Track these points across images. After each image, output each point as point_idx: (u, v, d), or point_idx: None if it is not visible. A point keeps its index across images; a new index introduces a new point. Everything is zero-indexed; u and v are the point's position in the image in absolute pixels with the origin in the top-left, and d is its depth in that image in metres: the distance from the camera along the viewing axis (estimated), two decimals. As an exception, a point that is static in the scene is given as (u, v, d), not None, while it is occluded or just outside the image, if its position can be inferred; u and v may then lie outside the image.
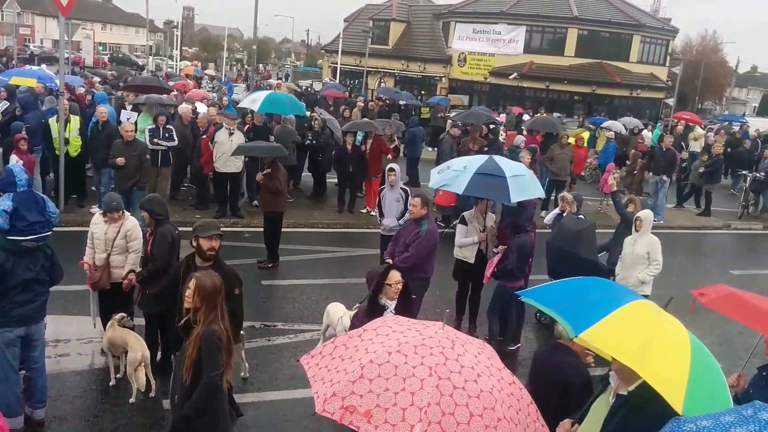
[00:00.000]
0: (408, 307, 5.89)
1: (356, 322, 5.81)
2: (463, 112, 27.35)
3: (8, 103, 15.51)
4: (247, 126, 15.55)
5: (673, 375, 3.58)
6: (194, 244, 5.93)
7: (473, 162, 9.15)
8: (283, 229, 12.23)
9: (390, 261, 8.51)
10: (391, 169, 11.02)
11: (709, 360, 3.93)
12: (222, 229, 6.44)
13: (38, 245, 6.18)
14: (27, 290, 6.15)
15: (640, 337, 3.75)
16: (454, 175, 8.98)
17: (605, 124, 26.44)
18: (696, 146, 25.96)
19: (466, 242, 9.37)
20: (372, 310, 5.78)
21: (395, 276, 5.88)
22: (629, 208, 10.42)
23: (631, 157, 19.10)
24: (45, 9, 76.65)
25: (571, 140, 21.15)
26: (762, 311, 5.44)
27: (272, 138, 14.86)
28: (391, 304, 5.85)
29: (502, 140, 20.86)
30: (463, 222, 9.49)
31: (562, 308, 4.28)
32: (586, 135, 23.55)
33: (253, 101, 16.04)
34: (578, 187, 19.57)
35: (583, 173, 22.16)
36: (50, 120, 13.66)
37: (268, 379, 7.94)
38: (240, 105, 18.41)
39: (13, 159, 11.17)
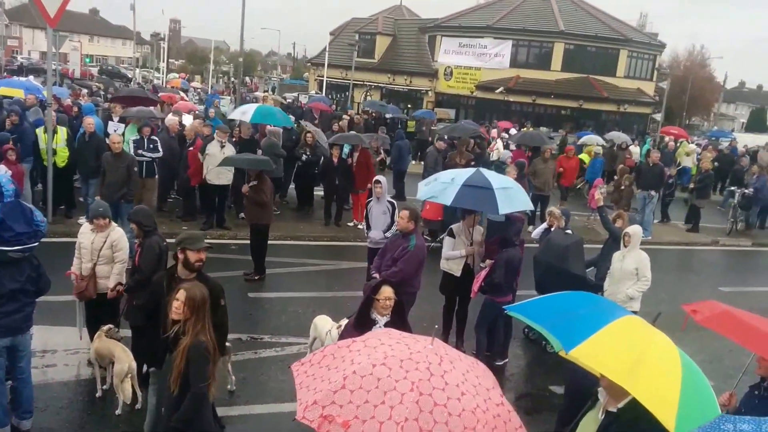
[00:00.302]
0: (401, 325, 5.83)
1: (345, 335, 5.80)
2: (449, 125, 27.47)
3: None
4: (235, 139, 15.56)
5: (664, 393, 3.59)
6: (180, 256, 5.93)
7: (461, 174, 9.18)
8: (269, 242, 12.21)
9: (377, 275, 8.51)
10: (378, 181, 11.06)
11: (699, 378, 3.95)
12: (208, 241, 6.48)
13: (24, 256, 6.19)
14: (13, 300, 6.16)
15: (630, 354, 3.76)
16: (441, 187, 8.99)
17: (583, 139, 26.55)
18: (688, 162, 26.16)
19: (453, 255, 9.37)
20: (360, 324, 5.74)
21: (385, 291, 5.83)
22: (617, 224, 10.47)
23: (618, 173, 19.24)
24: (33, 21, 76.50)
25: (585, 156, 21.30)
26: (756, 330, 5.40)
27: (259, 151, 14.87)
28: (382, 320, 5.80)
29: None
30: (451, 235, 9.50)
31: (550, 324, 4.28)
32: (599, 151, 23.60)
33: (243, 113, 16.11)
34: (565, 202, 19.69)
35: (577, 184, 22.24)
36: (38, 131, 13.66)
37: (256, 392, 7.93)
38: (230, 117, 18.43)
39: (2, 169, 11.13)
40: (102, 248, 7.68)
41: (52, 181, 13.43)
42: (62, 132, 13.76)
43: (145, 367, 7.44)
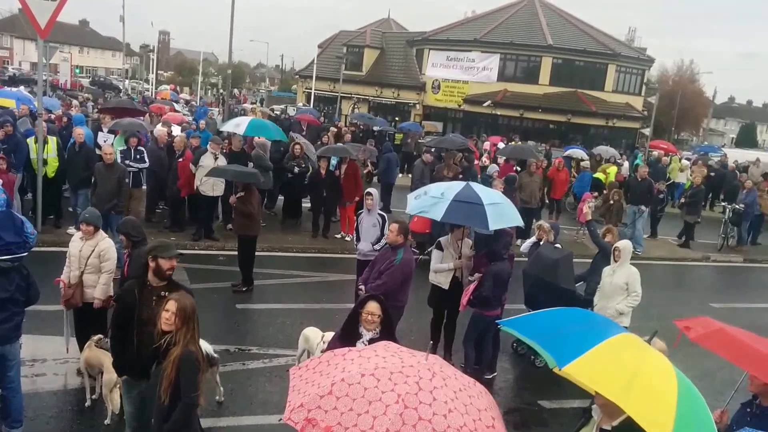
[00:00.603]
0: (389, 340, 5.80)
1: (330, 347, 5.82)
2: (437, 138, 27.55)
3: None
4: (225, 151, 15.49)
5: (659, 411, 3.59)
6: (152, 264, 5.91)
7: (450, 189, 9.15)
8: (257, 253, 12.22)
9: (362, 288, 8.53)
10: (369, 194, 11.11)
11: (695, 396, 3.94)
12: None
13: (14, 265, 6.23)
14: (2, 310, 6.20)
15: (625, 372, 3.75)
16: (431, 201, 8.98)
17: (567, 152, 26.66)
18: (682, 177, 26.29)
19: (441, 268, 9.39)
20: (345, 337, 5.74)
21: (370, 306, 5.80)
22: (607, 238, 10.42)
23: (607, 187, 19.33)
24: (24, 32, 76.41)
25: (600, 175, 21.29)
26: (748, 348, 5.38)
27: (251, 164, 14.87)
28: (367, 335, 5.75)
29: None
30: (439, 247, 9.52)
31: (544, 339, 4.26)
32: (613, 170, 23.63)
33: (236, 125, 16.17)
34: (559, 216, 19.76)
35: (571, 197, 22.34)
36: (29, 140, 13.65)
37: (243, 403, 7.94)
38: (222, 129, 18.42)
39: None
40: (89, 257, 7.70)
41: (42, 191, 13.43)
42: (52, 142, 13.77)
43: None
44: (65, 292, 7.78)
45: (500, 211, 8.98)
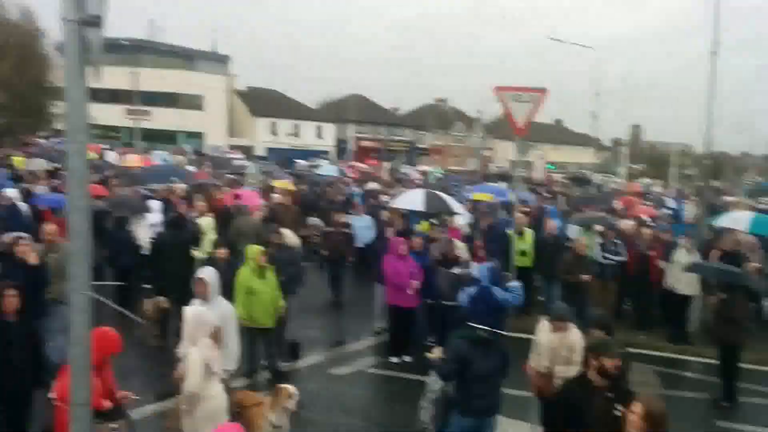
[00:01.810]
0: None
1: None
2: None
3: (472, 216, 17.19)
4: (720, 253, 14.15)
5: None
6: (595, 362, 5.62)
7: None
8: (742, 365, 10.82)
9: None
10: None
11: None
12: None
13: (491, 338, 6.68)
14: (484, 383, 6.64)
15: None
16: None
17: None
18: None
19: None
20: None
21: None
22: None
23: None
24: (505, 134, 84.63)
25: None
26: None
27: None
28: None
29: None
30: None
31: None
32: None
33: (734, 220, 15.46)
34: None
35: None
36: (510, 232, 14.51)
37: None
38: (719, 225, 17.26)
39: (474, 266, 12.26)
40: (557, 348, 7.65)
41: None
42: (529, 235, 14.48)
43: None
44: (534, 380, 7.86)
45: None
